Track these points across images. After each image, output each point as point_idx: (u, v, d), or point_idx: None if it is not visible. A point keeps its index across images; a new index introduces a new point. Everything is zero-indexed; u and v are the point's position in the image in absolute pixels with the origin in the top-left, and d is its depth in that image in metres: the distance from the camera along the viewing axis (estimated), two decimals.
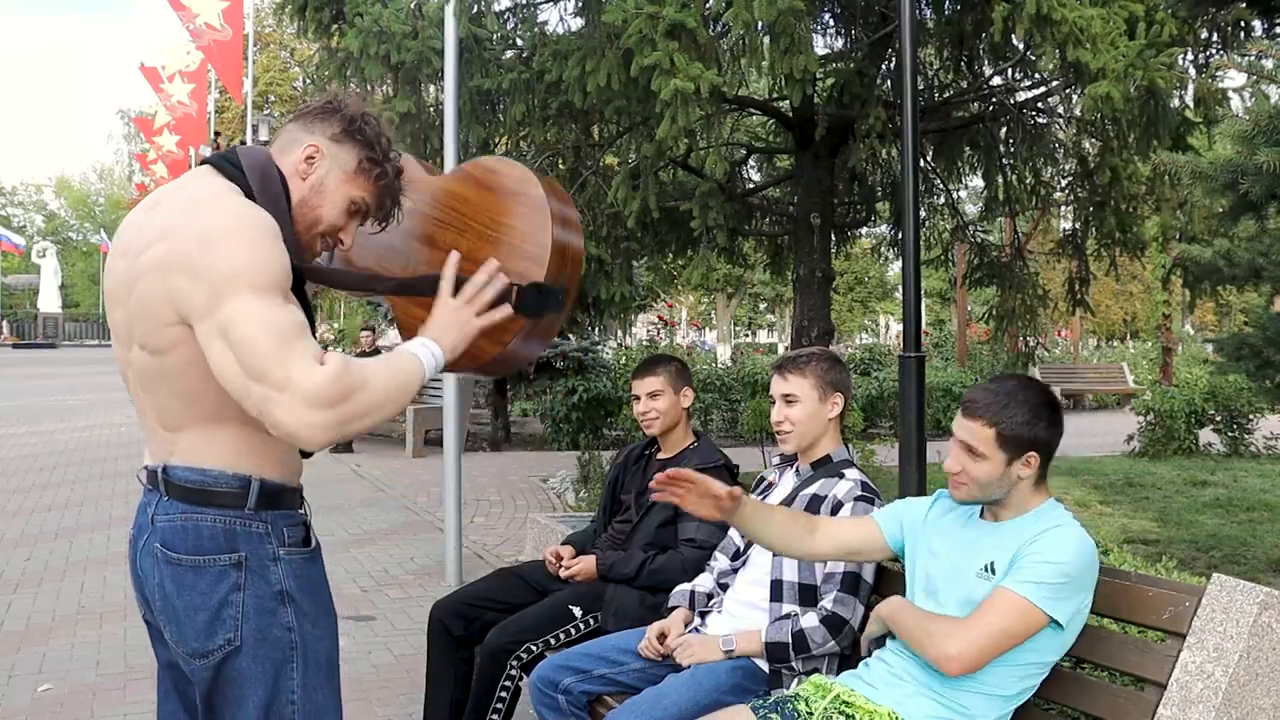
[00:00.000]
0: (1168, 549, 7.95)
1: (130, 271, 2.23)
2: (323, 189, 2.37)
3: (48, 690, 5.27)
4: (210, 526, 2.24)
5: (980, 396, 2.80)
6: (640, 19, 6.13)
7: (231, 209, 2.17)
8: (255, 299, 2.08)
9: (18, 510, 9.88)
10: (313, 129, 2.37)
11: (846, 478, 3.51)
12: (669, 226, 9.05)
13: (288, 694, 2.31)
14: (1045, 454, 2.79)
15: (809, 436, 3.61)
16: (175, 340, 2.17)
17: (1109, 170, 8.39)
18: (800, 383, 3.60)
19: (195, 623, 2.23)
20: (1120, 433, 15.92)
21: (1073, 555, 2.62)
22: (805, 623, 3.27)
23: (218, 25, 21.45)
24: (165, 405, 2.26)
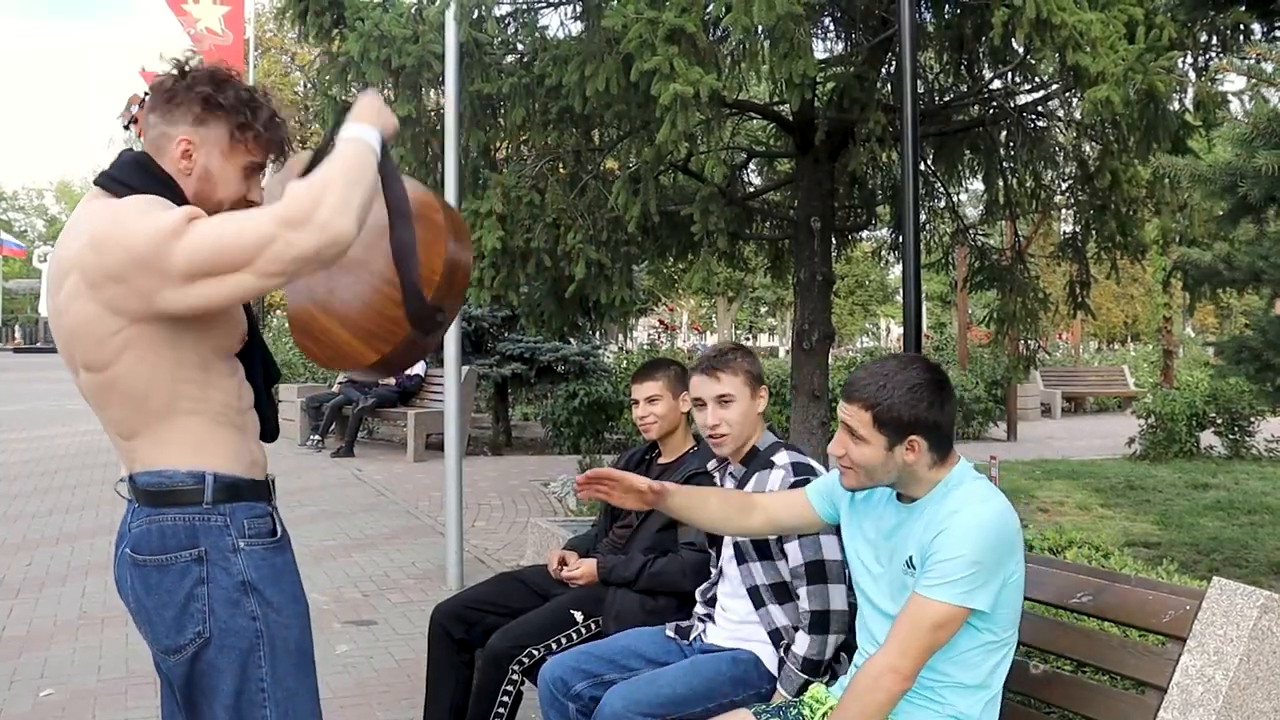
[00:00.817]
0: (1169, 552, 7.96)
1: (56, 309, 2.31)
2: (210, 175, 2.39)
3: (49, 695, 5.28)
4: (171, 525, 2.31)
5: (859, 377, 2.73)
6: (640, 24, 6.13)
7: (112, 205, 2.24)
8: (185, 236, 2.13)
9: (19, 515, 9.88)
10: (174, 119, 2.36)
11: (777, 465, 3.48)
12: (669, 230, 9.05)
13: (256, 682, 2.35)
14: (931, 436, 2.68)
15: (742, 436, 3.58)
16: (120, 347, 2.23)
17: (1109, 174, 8.39)
18: (732, 381, 3.54)
19: (164, 620, 2.31)
20: (1121, 435, 15.93)
21: (975, 543, 2.54)
22: (799, 649, 3.27)
23: (219, 30, 21.45)
24: (119, 416, 2.34)
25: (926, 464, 2.71)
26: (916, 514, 2.72)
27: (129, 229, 2.15)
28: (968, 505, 2.60)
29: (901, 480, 2.74)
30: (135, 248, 2.13)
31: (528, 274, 8.52)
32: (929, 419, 2.67)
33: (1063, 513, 10.12)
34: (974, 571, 2.53)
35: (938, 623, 2.54)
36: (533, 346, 15.29)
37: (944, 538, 2.57)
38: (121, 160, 2.38)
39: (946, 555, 2.55)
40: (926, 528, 2.65)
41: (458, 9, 7.18)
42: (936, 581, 2.55)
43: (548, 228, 8.13)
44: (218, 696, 2.33)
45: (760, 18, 5.82)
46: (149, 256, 2.13)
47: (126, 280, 2.16)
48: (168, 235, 2.12)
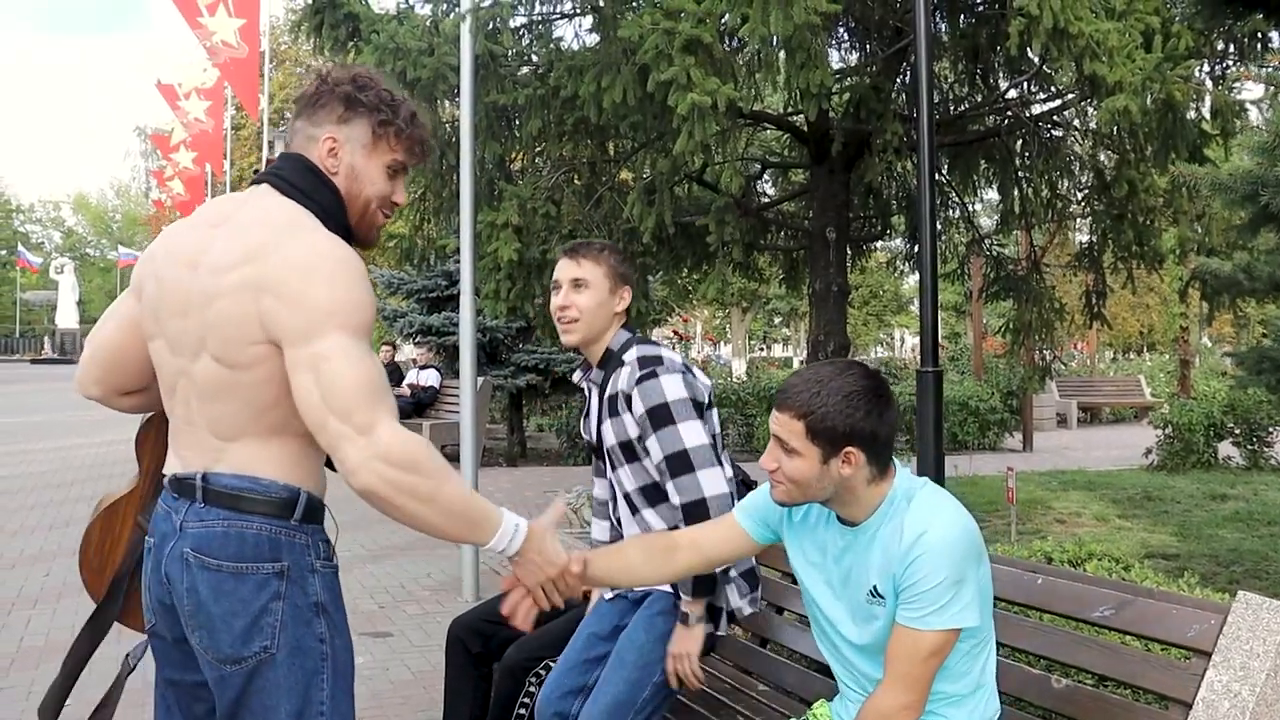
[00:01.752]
0: (1188, 564, 7.91)
1: (206, 286, 2.27)
2: (355, 173, 2.44)
3: (67, 707, 5.27)
4: (255, 534, 2.27)
5: (792, 384, 2.54)
6: (656, 34, 6.14)
7: (324, 242, 2.26)
8: (349, 340, 2.19)
9: (37, 526, 9.90)
10: (319, 120, 2.43)
11: (625, 363, 3.32)
12: (684, 241, 9.05)
13: (318, 704, 2.33)
14: (869, 448, 2.48)
15: (594, 329, 3.36)
16: (258, 357, 2.23)
17: (1126, 183, 8.36)
18: (593, 269, 3.35)
19: (232, 629, 2.25)
20: (1138, 446, 15.84)
21: (951, 563, 2.42)
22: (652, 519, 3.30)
23: (234, 43, 21.54)
24: (227, 415, 2.29)
25: (865, 479, 2.52)
26: (865, 536, 2.57)
27: (331, 285, 2.21)
28: (931, 526, 2.44)
29: (838, 496, 2.55)
30: (319, 303, 2.19)
31: (543, 285, 8.53)
32: (866, 429, 2.46)
33: (1080, 524, 10.06)
34: (957, 591, 2.43)
35: (935, 650, 2.45)
36: (547, 357, 15.29)
37: (918, 566, 2.42)
38: (289, 162, 2.42)
39: (927, 584, 2.42)
40: (887, 555, 2.50)
41: (473, 21, 7.19)
42: (926, 611, 2.43)
43: (563, 239, 8.13)
44: (276, 715, 2.29)
45: (777, 28, 5.83)
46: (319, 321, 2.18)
47: (285, 314, 2.19)
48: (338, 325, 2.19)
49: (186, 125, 31.08)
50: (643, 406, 3.21)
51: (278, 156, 2.48)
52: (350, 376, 2.16)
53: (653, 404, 3.20)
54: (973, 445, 17.80)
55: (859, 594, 2.57)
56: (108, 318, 2.58)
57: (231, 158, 37.89)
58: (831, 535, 2.66)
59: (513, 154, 9.02)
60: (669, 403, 3.19)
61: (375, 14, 8.16)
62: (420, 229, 9.29)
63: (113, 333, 2.55)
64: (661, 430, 3.18)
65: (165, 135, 38.75)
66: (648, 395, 3.21)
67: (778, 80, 7.07)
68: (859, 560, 2.57)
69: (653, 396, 3.20)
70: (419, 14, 8.23)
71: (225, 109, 32.97)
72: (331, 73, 2.47)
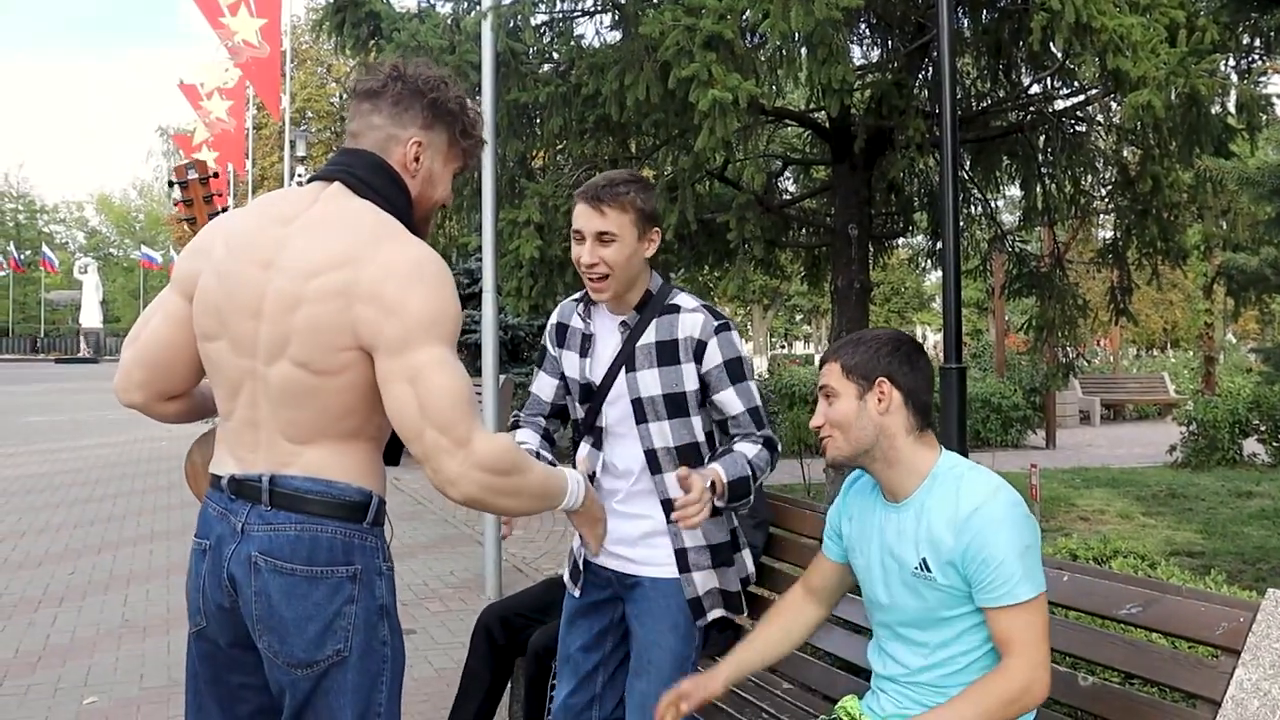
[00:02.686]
0: (1214, 561, 7.87)
1: (287, 289, 2.25)
2: (432, 178, 2.48)
3: (93, 704, 5.31)
4: (329, 538, 2.28)
5: (835, 344, 2.76)
6: (677, 31, 6.13)
7: (416, 249, 2.28)
8: (445, 351, 2.22)
9: (61, 524, 9.97)
10: (403, 122, 2.42)
11: (686, 309, 3.15)
12: (706, 238, 9.03)
13: (377, 706, 2.34)
14: (903, 389, 2.64)
15: (626, 282, 3.15)
16: (347, 364, 2.24)
17: (1150, 178, 8.31)
18: (619, 219, 3.09)
19: (305, 633, 2.25)
20: (1162, 443, 15.78)
21: (1014, 534, 2.49)
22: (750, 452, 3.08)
23: (256, 43, 21.58)
24: (303, 419, 2.29)
25: (903, 426, 2.64)
26: (911, 511, 2.64)
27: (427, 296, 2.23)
28: (988, 500, 2.52)
29: (882, 453, 2.65)
30: (416, 314, 2.21)
31: (565, 283, 8.52)
32: (894, 365, 2.64)
33: (1104, 521, 10.02)
34: (1028, 559, 2.49)
35: (1036, 614, 2.49)
36: None
37: (983, 542, 2.49)
38: (362, 160, 2.40)
39: (998, 558, 2.48)
40: (938, 529, 2.56)
41: (494, 19, 7.20)
42: (1010, 585, 2.48)
43: None
44: (342, 717, 2.30)
45: (798, 24, 5.81)
46: (417, 332, 2.20)
47: (383, 323, 2.20)
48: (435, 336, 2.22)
49: (208, 125, 31.16)
50: (721, 357, 3.11)
51: (343, 151, 2.44)
52: (449, 390, 2.19)
53: (730, 356, 3.11)
54: (995, 442, 17.74)
55: (906, 570, 2.63)
56: (150, 317, 2.50)
57: (253, 157, 38.00)
58: (879, 514, 2.74)
59: (534, 151, 9.01)
60: (743, 358, 3.14)
61: (396, 12, 8.17)
62: (442, 227, 9.30)
63: (159, 332, 2.46)
64: (740, 384, 3.12)
65: (187, 135, 38.90)
66: (726, 347, 3.11)
67: (799, 76, 7.04)
68: (906, 535, 2.64)
69: (730, 349, 3.12)
70: (440, 12, 8.24)
71: (247, 109, 33.07)
72: (409, 72, 2.44)
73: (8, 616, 6.83)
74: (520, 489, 2.29)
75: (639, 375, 3.17)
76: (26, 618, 6.81)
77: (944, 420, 5.77)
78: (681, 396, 3.14)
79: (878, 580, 2.73)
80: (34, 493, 11.92)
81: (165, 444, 16.31)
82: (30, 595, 7.36)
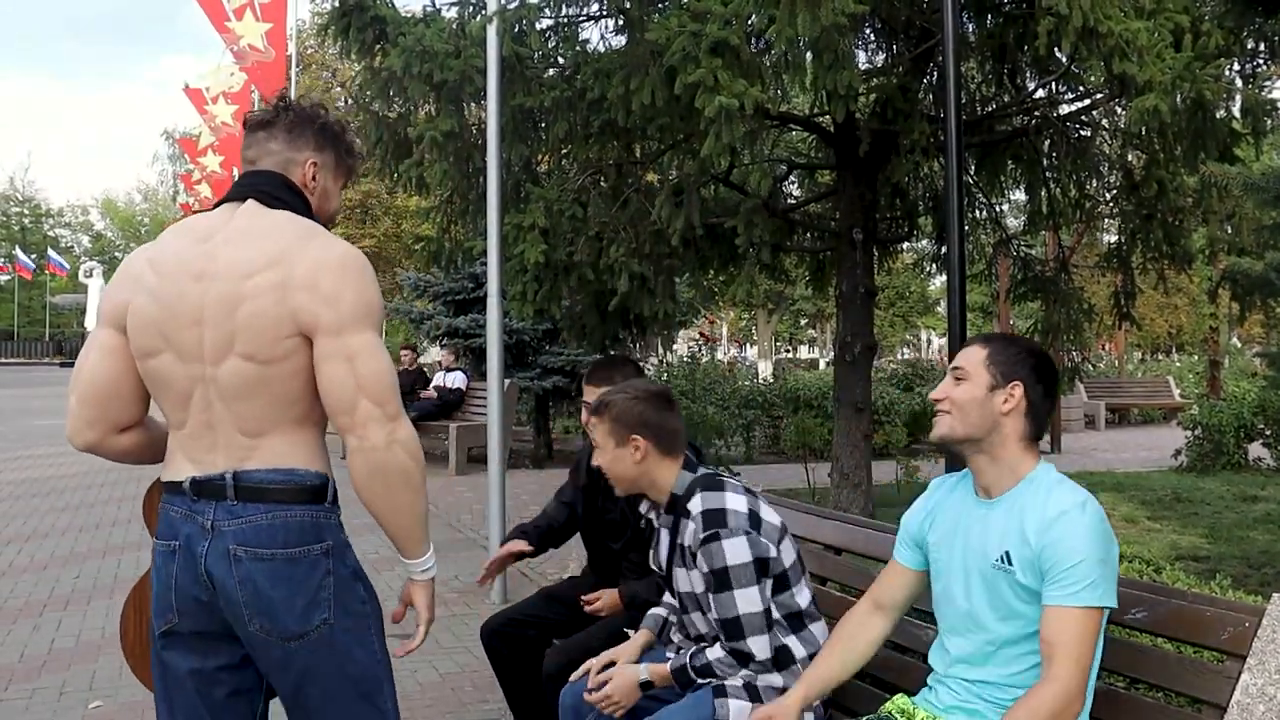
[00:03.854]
0: (1219, 566, 7.86)
1: (226, 293, 2.48)
2: (326, 193, 2.79)
3: (98, 708, 5.32)
4: (299, 521, 2.50)
5: (986, 333, 2.87)
6: (683, 36, 6.13)
7: (341, 246, 2.57)
8: (375, 336, 2.52)
9: (66, 529, 9.98)
10: (298, 145, 2.73)
11: (691, 514, 3.31)
12: (711, 243, 9.03)
13: (374, 655, 2.65)
14: (1031, 396, 2.73)
15: (627, 481, 3.47)
16: (289, 350, 2.48)
17: (1155, 183, 8.30)
18: (600, 427, 3.45)
19: (294, 609, 2.48)
20: (1167, 447, 15.76)
21: (1095, 541, 2.55)
22: (710, 654, 3.22)
23: (261, 47, 21.61)
24: (255, 412, 2.50)
25: (1017, 432, 2.73)
26: (1001, 508, 2.72)
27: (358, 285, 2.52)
28: (1077, 506, 2.59)
29: (988, 446, 2.74)
30: (350, 301, 2.49)
31: (570, 287, 8.53)
32: (1033, 381, 2.74)
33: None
34: (1103, 570, 2.54)
35: (1092, 629, 2.53)
36: (574, 359, 15.30)
37: (1065, 540, 2.55)
38: (268, 179, 2.67)
39: (1075, 558, 2.53)
40: (1026, 525, 2.63)
41: (500, 24, 7.21)
42: (1079, 587, 2.52)
43: (590, 241, 8.14)
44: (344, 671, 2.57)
45: (804, 29, 5.81)
46: (351, 318, 2.48)
47: (320, 309, 2.47)
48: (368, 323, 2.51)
49: (214, 129, 31.20)
50: (706, 567, 3.23)
51: (247, 174, 2.71)
52: (383, 371, 2.49)
53: (715, 567, 3.21)
54: None
55: (987, 563, 2.70)
56: (84, 358, 2.64)
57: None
58: (967, 510, 2.83)
59: (539, 156, 9.03)
60: (729, 567, 3.20)
61: (402, 16, 8.18)
62: (447, 231, 9.31)
63: (98, 367, 2.62)
64: (720, 594, 3.20)
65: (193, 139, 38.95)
66: (711, 557, 3.21)
67: (805, 81, 7.05)
68: (993, 529, 2.71)
69: (715, 560, 3.20)
70: (446, 16, 8.24)
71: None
72: (296, 103, 2.78)
73: (12, 620, 6.84)
74: (416, 486, 2.53)
75: (677, 571, 3.43)
76: (31, 622, 6.82)
77: None
78: (696, 596, 3.35)
79: (957, 575, 2.79)
80: (39, 496, 11.94)
81: None
82: (35, 599, 7.37)
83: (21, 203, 76.67)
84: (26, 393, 32.48)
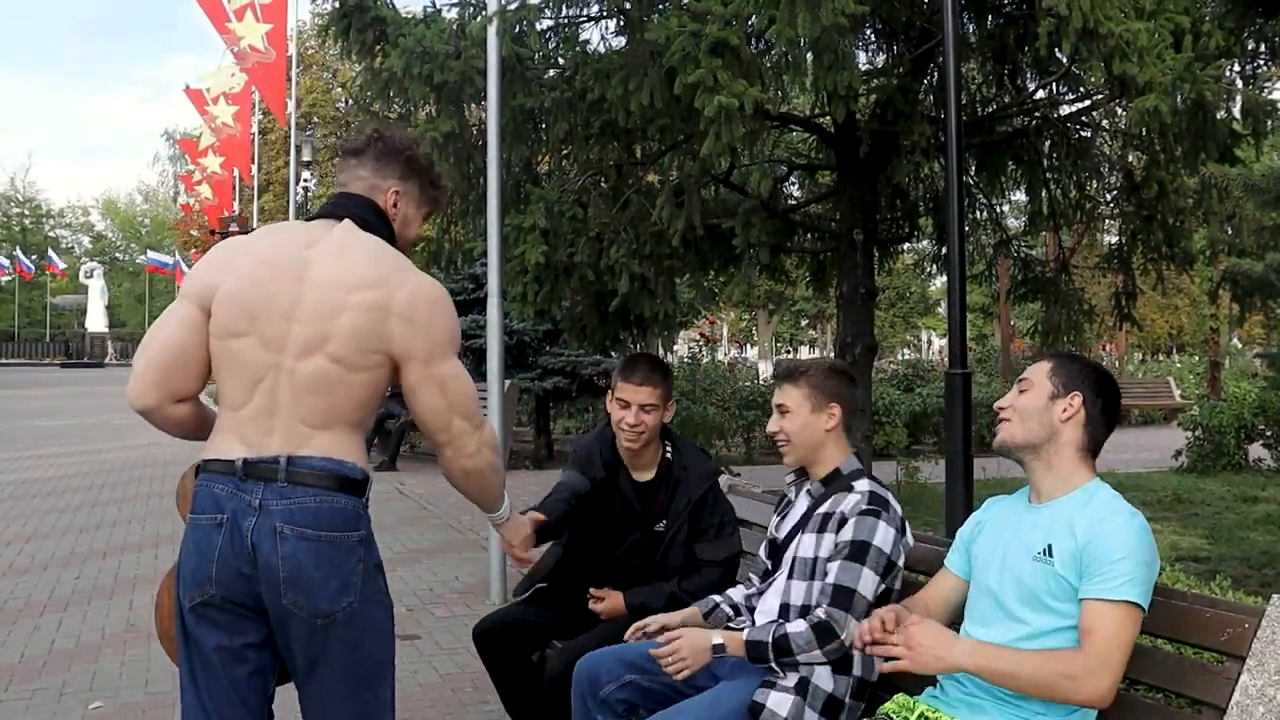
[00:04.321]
0: (1219, 567, 7.86)
1: (326, 298, 2.74)
2: (407, 220, 3.04)
3: (98, 709, 5.32)
4: (344, 509, 2.72)
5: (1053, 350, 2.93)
6: (683, 37, 6.13)
7: (432, 280, 2.88)
8: (458, 363, 2.88)
9: (67, 529, 9.98)
10: (384, 174, 2.98)
11: (855, 490, 3.41)
12: (711, 243, 9.03)
13: (387, 640, 2.89)
14: (1090, 409, 2.83)
15: (805, 448, 3.53)
16: (373, 364, 2.76)
17: (1155, 184, 8.29)
18: (792, 393, 3.54)
19: (328, 588, 2.68)
20: (1167, 448, 15.75)
21: (1140, 543, 2.61)
22: (791, 627, 3.21)
23: (262, 48, 21.62)
24: (323, 406, 2.73)
25: (1075, 442, 2.83)
26: (1052, 511, 2.78)
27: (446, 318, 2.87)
28: (1123, 513, 2.68)
29: (1046, 454, 2.84)
30: (440, 334, 2.83)
31: (570, 288, 8.53)
32: (1092, 396, 2.84)
33: None
34: (1146, 572, 2.59)
35: (1130, 625, 2.57)
36: (574, 360, 15.30)
37: (1111, 535, 2.61)
38: (360, 203, 2.94)
39: (1119, 553, 2.59)
40: (1075, 523, 2.69)
41: (500, 24, 7.21)
42: (1119, 581, 2.57)
43: (590, 242, 8.13)
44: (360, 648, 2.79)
45: (804, 30, 5.81)
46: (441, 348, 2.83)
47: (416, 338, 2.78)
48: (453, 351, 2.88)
49: (214, 130, 31.26)
50: (850, 535, 3.28)
51: (340, 195, 2.97)
52: (468, 390, 2.88)
53: (859, 537, 3.26)
54: None
55: (1029, 554, 2.76)
56: (159, 327, 2.84)
57: (259, 162, 38.09)
58: (1017, 513, 2.93)
59: (540, 157, 9.02)
60: (871, 544, 3.25)
61: (402, 17, 8.17)
62: (448, 232, 9.31)
63: (174, 336, 2.79)
64: (849, 562, 3.24)
65: (193, 140, 39.03)
66: (860, 528, 3.27)
67: (805, 82, 7.05)
68: (1040, 527, 2.78)
69: (862, 531, 3.27)
70: (446, 17, 8.24)
71: (253, 114, 33.13)
72: (388, 134, 3.02)
73: (13, 621, 6.84)
74: (498, 468, 3.02)
75: (802, 536, 3.49)
76: (31, 622, 6.82)
77: (949, 425, 5.77)
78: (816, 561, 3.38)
79: (993, 564, 2.86)
80: (39, 497, 11.94)
81: (170, 449, 16.31)
82: (35, 600, 7.37)
83: (22, 203, 76.70)
84: (27, 393, 32.48)
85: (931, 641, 2.69)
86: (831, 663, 3.22)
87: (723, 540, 4.13)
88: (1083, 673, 2.54)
